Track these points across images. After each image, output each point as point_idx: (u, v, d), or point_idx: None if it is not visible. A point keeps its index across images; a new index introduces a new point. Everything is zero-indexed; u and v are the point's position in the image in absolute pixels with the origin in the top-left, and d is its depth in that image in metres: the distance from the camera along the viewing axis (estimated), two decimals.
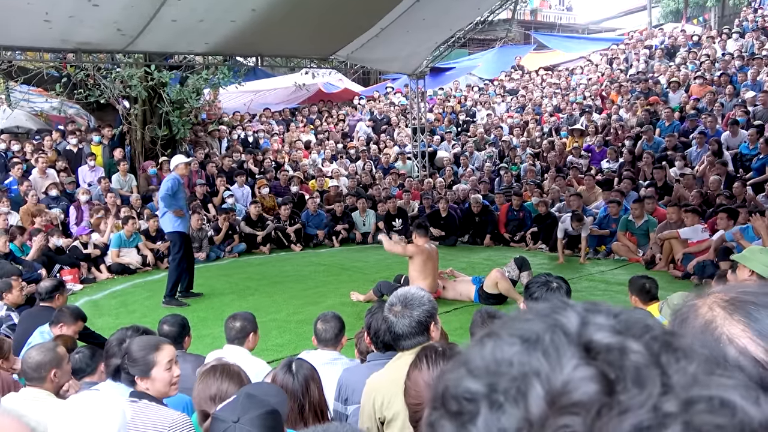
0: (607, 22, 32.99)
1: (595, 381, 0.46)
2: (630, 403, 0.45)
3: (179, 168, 7.94)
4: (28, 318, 5.39)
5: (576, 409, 0.45)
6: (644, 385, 0.46)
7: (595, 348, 0.48)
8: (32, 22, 8.97)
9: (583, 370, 0.47)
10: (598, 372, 0.47)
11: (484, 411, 0.48)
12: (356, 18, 10.82)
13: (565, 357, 0.48)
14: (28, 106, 14.11)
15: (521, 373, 0.48)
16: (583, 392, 0.46)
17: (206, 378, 2.45)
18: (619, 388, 0.46)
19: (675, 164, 11.39)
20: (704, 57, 15.87)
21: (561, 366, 0.47)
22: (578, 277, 8.67)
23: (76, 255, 9.62)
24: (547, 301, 0.54)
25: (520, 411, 0.46)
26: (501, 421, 0.47)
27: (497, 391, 0.48)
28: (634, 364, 0.47)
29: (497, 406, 0.47)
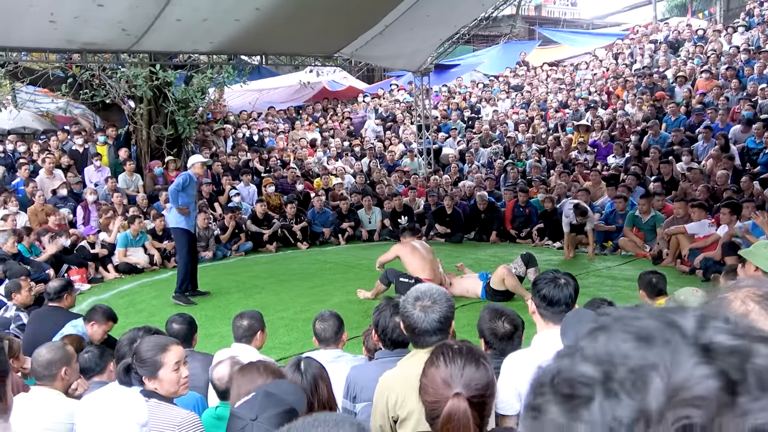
0: (612, 16, 32.84)
1: (716, 379, 0.46)
2: (752, 405, 0.45)
3: (195, 167, 8.00)
4: (36, 318, 5.42)
5: (698, 402, 0.46)
6: (767, 389, 0.46)
7: (716, 350, 0.48)
8: (37, 23, 9.00)
9: (704, 369, 0.47)
10: (720, 371, 0.47)
11: (599, 397, 0.48)
12: (360, 15, 10.81)
13: (684, 355, 0.48)
14: (34, 106, 14.17)
15: (639, 366, 0.48)
16: (704, 387, 0.46)
17: (249, 374, 2.43)
18: (742, 389, 0.46)
19: (682, 159, 11.35)
20: (710, 51, 15.79)
21: (681, 363, 0.48)
22: (585, 273, 8.65)
23: (83, 255, 9.66)
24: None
25: (637, 402, 0.47)
26: (616, 410, 0.47)
27: (613, 379, 0.48)
28: (758, 367, 0.47)
29: (613, 394, 0.48)
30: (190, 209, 7.97)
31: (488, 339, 3.27)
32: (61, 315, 5.31)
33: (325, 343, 3.65)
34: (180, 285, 7.92)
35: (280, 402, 1.88)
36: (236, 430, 1.86)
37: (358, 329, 5.75)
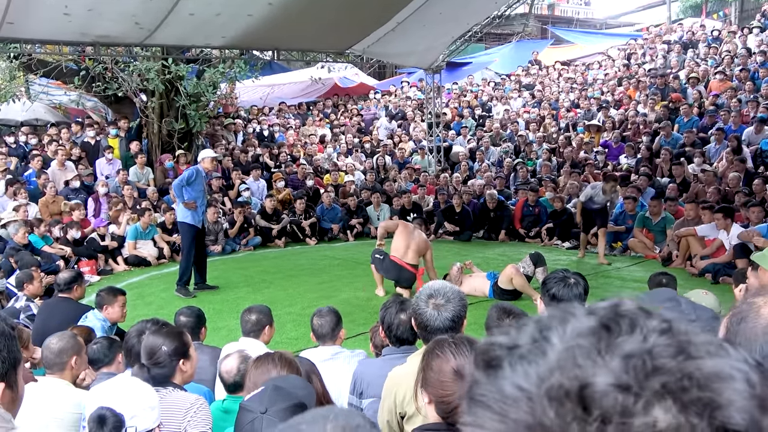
0: (625, 16, 32.64)
1: (595, 320, 0.53)
2: (624, 338, 0.52)
3: (206, 161, 8.04)
4: (46, 309, 5.46)
5: (582, 334, 0.53)
6: (636, 325, 0.53)
7: (597, 311, 0.55)
8: (52, 16, 9.05)
9: (587, 319, 0.54)
10: (598, 318, 0.54)
11: (508, 357, 0.53)
12: (373, 12, 10.80)
13: (574, 317, 0.55)
14: (47, 98, 14.24)
15: (539, 329, 0.55)
16: (585, 325, 0.53)
17: (264, 365, 2.44)
18: (615, 328, 0.52)
19: (694, 161, 11.28)
20: (725, 52, 15.67)
21: (571, 320, 0.54)
22: (594, 274, 8.61)
23: (93, 247, 9.72)
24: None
25: (540, 351, 0.52)
26: (524, 366, 0.52)
27: (520, 345, 0.54)
28: (626, 312, 0.54)
29: (520, 356, 0.53)
30: (198, 204, 7.97)
31: None
32: (71, 306, 5.35)
33: (322, 339, 3.65)
34: (180, 278, 8.00)
35: (290, 396, 1.89)
36: (245, 422, 1.87)
37: (366, 325, 5.76)
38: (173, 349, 2.82)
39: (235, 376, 2.98)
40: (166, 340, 2.83)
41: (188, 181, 7.86)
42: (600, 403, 0.48)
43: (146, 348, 2.83)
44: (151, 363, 2.78)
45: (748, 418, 0.48)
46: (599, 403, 0.48)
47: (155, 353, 2.80)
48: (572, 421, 0.48)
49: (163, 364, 2.78)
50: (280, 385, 1.99)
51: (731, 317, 1.06)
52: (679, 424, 0.47)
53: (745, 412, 0.48)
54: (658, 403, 0.48)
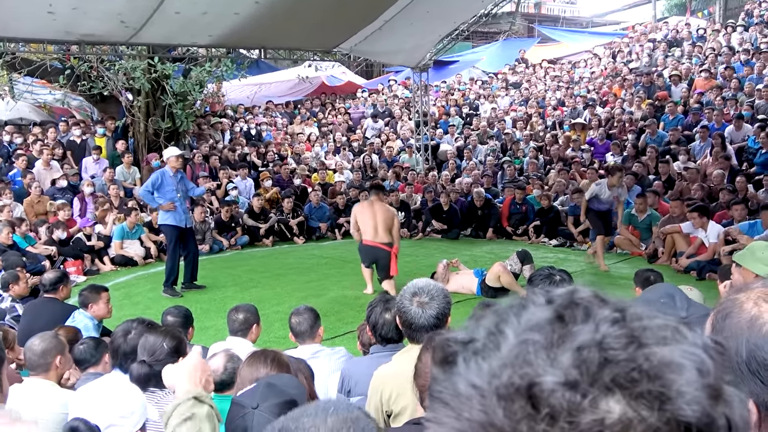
0: (611, 15, 32.82)
1: (550, 312, 0.53)
2: (578, 328, 0.51)
3: (170, 161, 7.94)
4: (32, 309, 5.42)
5: (535, 328, 0.52)
6: (590, 315, 0.52)
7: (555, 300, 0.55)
8: (36, 14, 8.97)
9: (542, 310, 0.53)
10: (553, 308, 0.53)
11: (463, 353, 0.53)
12: (360, 10, 10.79)
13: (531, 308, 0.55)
14: (31, 97, 14.11)
15: (494, 323, 0.55)
16: (539, 318, 0.53)
17: (255, 363, 2.44)
18: (569, 318, 0.52)
19: (679, 158, 11.37)
20: (709, 50, 15.80)
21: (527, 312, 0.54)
22: (581, 271, 8.67)
23: (79, 247, 9.66)
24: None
25: (494, 345, 0.52)
26: (478, 360, 0.52)
27: (476, 340, 0.54)
28: (581, 300, 0.54)
29: (474, 351, 0.53)
30: (177, 203, 7.88)
31: None
32: (57, 307, 5.31)
33: (300, 337, 3.65)
34: (167, 280, 7.96)
35: (282, 393, 1.90)
36: (237, 417, 1.87)
37: (354, 324, 5.77)
38: (173, 347, 2.86)
39: (222, 375, 2.98)
40: (166, 338, 2.87)
41: (155, 185, 7.76)
42: (548, 401, 0.48)
43: (146, 346, 2.85)
44: (152, 360, 2.79)
45: (699, 410, 0.48)
46: (547, 401, 0.48)
47: (155, 351, 2.82)
48: (522, 420, 0.48)
49: (163, 362, 2.79)
50: (272, 383, 2.00)
51: (716, 314, 1.08)
52: (628, 418, 0.47)
53: (696, 404, 0.48)
54: (606, 397, 0.47)
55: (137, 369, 2.76)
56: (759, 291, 1.04)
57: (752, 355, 0.99)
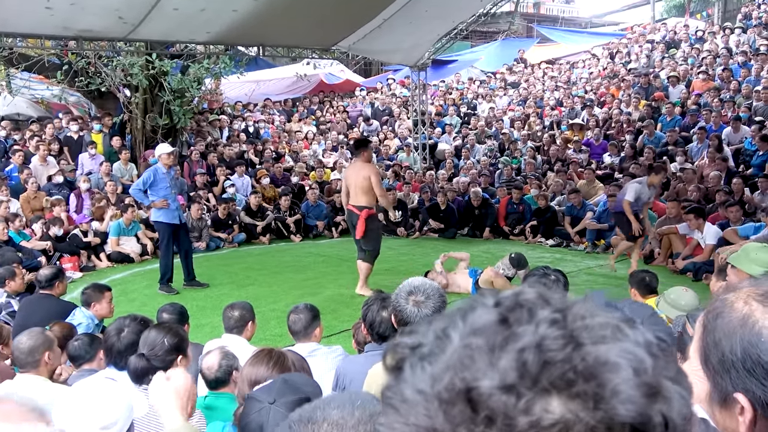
0: (610, 15, 32.86)
1: (494, 315, 0.53)
2: (521, 329, 0.51)
3: (162, 158, 7.87)
4: (27, 305, 5.41)
5: (477, 332, 0.52)
6: (533, 316, 0.52)
7: (502, 302, 0.55)
8: (33, 9, 8.95)
9: (488, 313, 0.54)
10: (497, 311, 0.54)
11: (410, 359, 0.54)
12: (359, 8, 10.78)
13: (477, 311, 0.55)
14: (29, 93, 14.07)
15: (443, 327, 0.55)
16: (483, 321, 0.53)
17: (257, 363, 2.44)
18: (513, 320, 0.53)
19: (676, 159, 11.39)
20: (706, 52, 15.83)
21: (473, 315, 0.55)
22: (577, 271, 8.69)
23: (76, 243, 9.64)
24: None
25: (440, 350, 0.53)
26: (424, 365, 0.53)
27: (423, 344, 0.54)
28: (525, 301, 0.54)
29: (420, 356, 0.53)
30: (170, 200, 7.84)
31: None
32: (52, 303, 5.31)
33: (296, 336, 3.65)
34: (162, 277, 7.96)
35: (297, 390, 1.90)
36: (253, 411, 1.88)
37: (350, 322, 5.76)
38: (173, 344, 2.85)
39: (216, 372, 2.98)
40: (167, 335, 2.86)
41: (146, 184, 7.72)
42: (486, 404, 0.48)
43: (147, 341, 2.85)
44: (151, 355, 2.79)
45: (634, 408, 0.48)
46: (485, 404, 0.48)
47: (155, 346, 2.81)
48: (461, 423, 0.49)
49: (162, 358, 2.79)
50: (288, 379, 2.00)
51: (707, 314, 1.08)
52: (565, 418, 0.47)
53: (631, 402, 0.48)
54: (543, 399, 0.48)
55: (135, 362, 2.76)
56: (748, 290, 1.05)
57: (747, 353, 0.99)
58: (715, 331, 1.04)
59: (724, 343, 1.01)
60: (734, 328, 1.01)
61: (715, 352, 1.03)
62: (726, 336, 1.02)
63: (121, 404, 1.98)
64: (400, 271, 8.77)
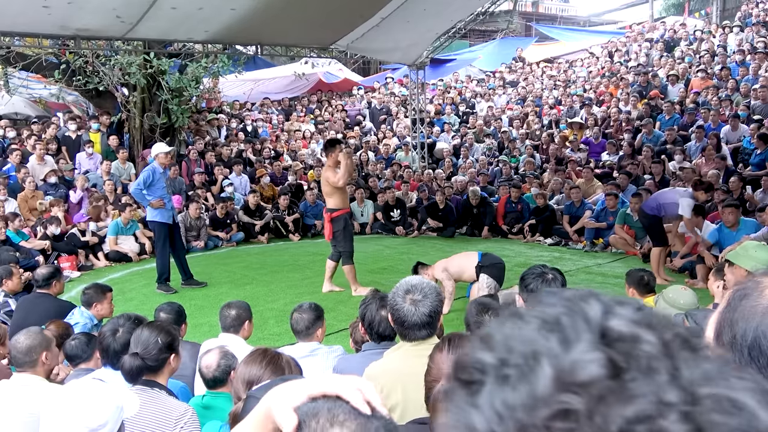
0: (608, 14, 32.87)
1: (601, 365, 0.46)
2: (635, 391, 0.45)
3: (159, 157, 7.88)
4: (24, 305, 5.40)
5: (577, 389, 0.45)
6: (652, 376, 0.46)
7: (610, 335, 0.48)
8: (31, 8, 8.92)
9: (592, 354, 0.47)
10: (606, 357, 0.46)
11: (490, 383, 0.48)
12: (357, 7, 10.77)
13: (578, 341, 0.48)
14: (26, 92, 14.05)
15: (533, 351, 0.48)
16: (587, 373, 0.46)
17: (251, 362, 2.43)
18: (627, 376, 0.45)
19: (674, 158, 11.39)
20: (703, 51, 15.84)
21: (573, 348, 0.47)
22: (575, 270, 8.69)
23: (73, 242, 9.63)
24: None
25: (525, 388, 0.47)
26: (505, 394, 0.47)
27: (508, 365, 0.48)
28: (645, 353, 0.47)
29: (504, 379, 0.48)
30: (165, 200, 7.88)
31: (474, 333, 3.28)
32: (50, 302, 5.30)
33: (298, 335, 3.64)
34: (160, 277, 7.96)
35: None
36: (251, 408, 1.88)
37: (347, 321, 5.76)
38: (166, 343, 2.85)
39: (214, 372, 2.97)
40: (161, 334, 2.86)
41: (147, 183, 7.73)
42: None
43: (140, 340, 2.84)
44: (144, 354, 2.79)
45: None
46: None
47: (149, 345, 2.81)
48: None
49: (155, 357, 2.79)
50: (287, 379, 2.00)
51: (735, 292, 1.06)
52: None
53: None
54: None
55: (130, 362, 2.75)
56: None
57: (756, 342, 0.98)
58: (736, 311, 1.02)
59: (740, 324, 1.00)
60: (755, 314, 1.00)
61: (728, 330, 1.01)
62: (744, 319, 1.01)
63: (110, 405, 1.97)
64: (398, 270, 8.76)
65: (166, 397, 2.75)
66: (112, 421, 1.95)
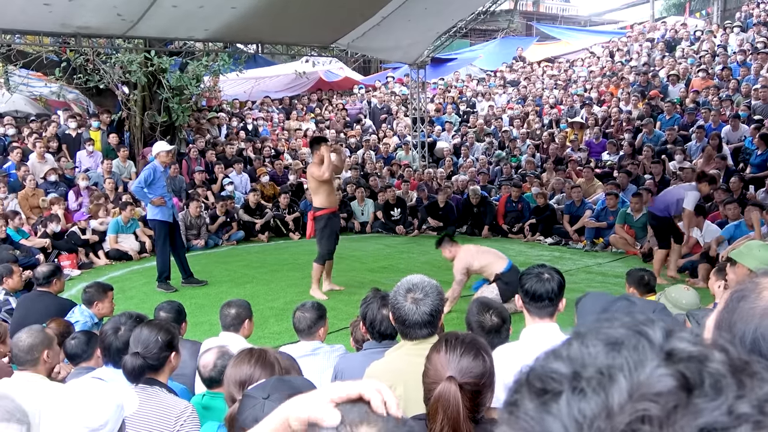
0: (609, 14, 32.87)
1: (674, 378, 0.49)
2: (706, 404, 0.48)
3: (160, 156, 7.88)
4: (25, 303, 5.40)
5: (655, 398, 0.48)
6: (721, 391, 0.49)
7: (678, 355, 0.52)
8: (32, 6, 8.93)
9: (664, 370, 0.50)
10: (678, 372, 0.50)
11: (567, 393, 0.51)
12: (358, 6, 10.76)
13: (648, 359, 0.51)
14: (27, 90, 14.05)
15: (606, 366, 0.52)
16: (662, 385, 0.49)
17: (239, 363, 2.43)
18: (697, 391, 0.49)
19: (675, 158, 11.39)
20: (702, 51, 15.83)
21: (644, 365, 0.51)
22: (576, 269, 8.69)
23: (74, 240, 9.62)
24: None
25: (601, 398, 0.49)
26: (582, 405, 0.50)
27: (582, 377, 0.51)
28: (713, 371, 0.50)
29: (580, 390, 0.51)
30: (166, 199, 7.89)
31: (475, 331, 3.28)
32: (50, 300, 5.30)
33: (299, 333, 3.64)
34: (160, 276, 7.95)
35: (292, 387, 1.90)
36: (248, 408, 1.88)
37: (347, 320, 5.76)
38: (166, 342, 2.84)
39: (211, 371, 2.97)
40: (160, 332, 2.85)
41: (148, 181, 7.73)
42: None
43: (140, 339, 2.83)
44: (145, 353, 2.78)
45: None
46: None
47: (149, 344, 2.80)
48: None
49: (156, 356, 2.78)
50: (283, 378, 2.00)
51: (733, 293, 1.06)
52: None
53: None
54: None
55: (131, 361, 2.75)
56: None
57: (756, 344, 0.98)
58: (734, 313, 1.02)
59: (738, 326, 1.00)
60: (754, 316, 1.00)
61: (727, 332, 1.02)
62: (742, 321, 1.01)
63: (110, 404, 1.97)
64: (399, 269, 8.77)
65: (165, 394, 2.75)
66: (113, 420, 1.94)
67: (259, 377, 2.35)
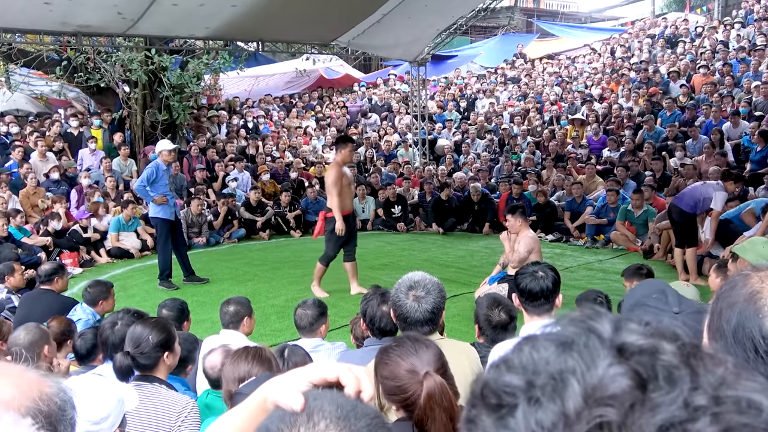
0: (610, 10, 32.79)
1: (627, 377, 0.48)
2: (662, 399, 0.47)
3: (163, 154, 7.90)
4: (27, 301, 5.43)
5: (611, 401, 0.47)
6: (675, 383, 0.48)
7: (629, 349, 0.51)
8: (32, 4, 8.93)
9: (617, 368, 0.49)
10: (631, 369, 0.49)
11: (522, 405, 0.50)
12: (358, 3, 10.76)
13: (599, 357, 0.50)
14: (28, 89, 14.06)
15: (558, 371, 0.50)
16: (617, 386, 0.48)
17: (237, 360, 2.45)
18: (651, 386, 0.48)
19: (675, 154, 11.39)
20: (702, 47, 15.82)
21: (596, 365, 0.50)
22: (576, 266, 8.70)
23: (75, 239, 9.64)
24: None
25: (557, 406, 0.48)
26: (538, 415, 0.49)
27: (535, 386, 0.50)
28: (665, 364, 0.49)
29: (535, 400, 0.49)
30: (168, 197, 7.91)
31: (482, 326, 3.31)
32: (53, 298, 5.32)
33: (300, 330, 3.66)
34: (161, 273, 7.97)
35: None
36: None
37: (347, 318, 5.78)
38: (159, 341, 2.79)
39: (219, 372, 2.98)
40: (153, 331, 2.80)
41: (150, 180, 7.73)
42: None
43: (132, 337, 2.80)
44: (136, 352, 2.76)
45: None
46: None
47: (141, 343, 2.77)
48: None
49: (148, 355, 2.77)
50: (274, 375, 2.01)
51: (724, 284, 1.12)
52: None
53: None
54: None
55: (120, 360, 2.73)
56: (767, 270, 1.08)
57: (741, 324, 1.03)
58: (723, 300, 1.08)
59: (725, 312, 1.06)
60: (739, 300, 1.05)
61: (717, 319, 1.07)
62: (728, 306, 1.06)
63: (111, 399, 1.98)
64: (399, 266, 8.78)
65: (166, 390, 2.75)
66: (114, 414, 1.96)
67: (256, 374, 2.37)
